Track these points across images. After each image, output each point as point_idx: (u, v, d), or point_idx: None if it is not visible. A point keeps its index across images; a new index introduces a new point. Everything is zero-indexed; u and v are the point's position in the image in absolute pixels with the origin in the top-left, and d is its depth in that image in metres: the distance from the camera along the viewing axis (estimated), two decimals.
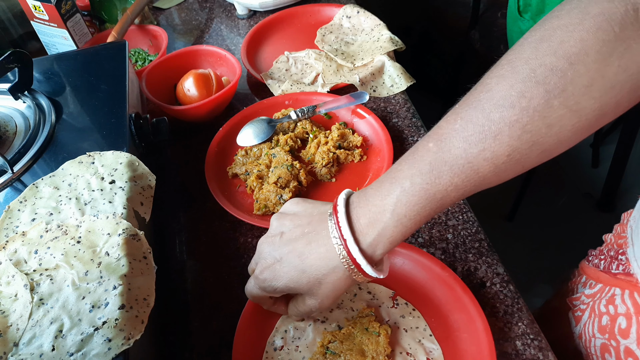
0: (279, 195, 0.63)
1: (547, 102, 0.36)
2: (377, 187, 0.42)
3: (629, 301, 0.53)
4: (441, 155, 0.39)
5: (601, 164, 1.85)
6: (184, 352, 0.54)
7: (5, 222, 0.48)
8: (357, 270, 0.42)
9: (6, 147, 0.58)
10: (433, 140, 0.40)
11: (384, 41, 0.86)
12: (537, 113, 0.37)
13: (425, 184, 0.39)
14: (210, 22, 1.05)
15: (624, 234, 0.59)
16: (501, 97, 0.37)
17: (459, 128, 0.39)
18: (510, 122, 0.37)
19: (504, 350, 0.50)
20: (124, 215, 0.47)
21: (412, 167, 0.40)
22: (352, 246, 0.41)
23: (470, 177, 0.39)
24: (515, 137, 0.37)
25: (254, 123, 0.74)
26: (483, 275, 0.56)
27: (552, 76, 0.36)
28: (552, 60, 0.37)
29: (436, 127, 0.41)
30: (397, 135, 0.72)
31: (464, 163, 0.38)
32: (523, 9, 1.26)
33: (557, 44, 0.37)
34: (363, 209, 0.42)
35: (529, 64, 0.37)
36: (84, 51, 0.73)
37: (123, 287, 0.41)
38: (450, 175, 0.39)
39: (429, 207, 0.40)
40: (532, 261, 1.55)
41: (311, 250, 0.43)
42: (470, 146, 0.38)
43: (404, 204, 0.40)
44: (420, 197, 0.40)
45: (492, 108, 0.38)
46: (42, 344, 0.38)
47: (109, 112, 0.59)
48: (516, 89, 0.37)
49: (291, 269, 0.44)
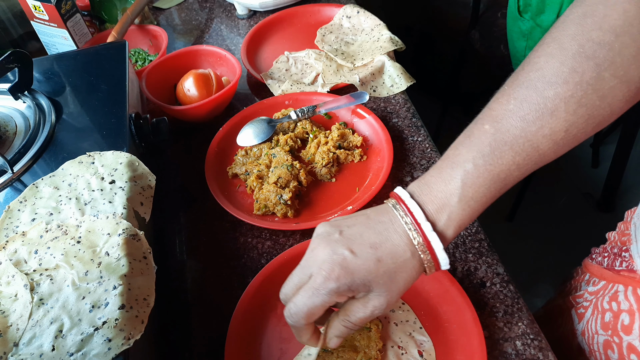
0: (279, 195, 0.63)
1: (598, 74, 0.38)
2: (437, 174, 0.42)
3: (632, 297, 0.53)
4: (500, 136, 0.40)
5: (601, 164, 1.85)
6: (184, 352, 0.54)
7: (5, 222, 0.48)
8: (430, 258, 0.41)
9: (6, 147, 0.58)
10: (488, 122, 0.41)
11: (384, 41, 0.86)
12: (589, 86, 0.38)
13: (489, 165, 0.40)
14: (210, 22, 1.05)
15: (627, 232, 0.59)
16: (553, 74, 0.39)
17: (514, 108, 0.40)
18: (565, 98, 0.38)
19: (504, 350, 0.50)
20: (124, 215, 0.47)
21: (471, 150, 0.40)
22: (428, 231, 0.40)
23: (531, 155, 0.40)
24: (572, 111, 0.38)
25: (254, 123, 0.74)
26: (483, 275, 0.56)
27: (600, 50, 0.38)
28: (598, 34, 0.38)
29: (487, 109, 0.42)
30: (397, 135, 0.72)
31: (524, 142, 0.39)
32: (523, 9, 1.26)
33: (601, 18, 0.38)
34: (428, 196, 0.41)
35: (576, 40, 0.38)
36: (84, 51, 0.73)
37: (123, 287, 0.41)
38: (511, 154, 0.40)
39: (493, 188, 0.41)
40: (532, 261, 1.55)
41: (383, 240, 0.40)
42: (529, 124, 0.39)
43: (469, 186, 0.40)
44: (485, 178, 0.40)
45: (545, 86, 0.39)
46: (42, 344, 0.38)
47: (109, 112, 0.59)
48: (567, 65, 0.38)
49: (366, 260, 0.40)
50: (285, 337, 0.52)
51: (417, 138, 0.72)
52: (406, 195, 0.42)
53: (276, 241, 0.62)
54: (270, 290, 0.55)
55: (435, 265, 0.41)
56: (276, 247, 0.62)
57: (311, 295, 0.40)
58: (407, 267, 0.41)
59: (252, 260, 0.61)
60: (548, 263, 1.36)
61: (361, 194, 0.64)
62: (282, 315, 0.54)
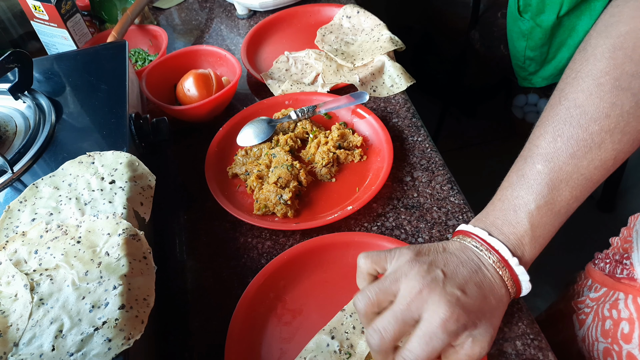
0: (279, 195, 0.63)
1: (636, 103, 0.40)
2: (502, 216, 0.44)
3: (632, 306, 0.53)
4: (555, 175, 0.42)
5: None
6: (184, 352, 0.54)
7: (5, 222, 0.48)
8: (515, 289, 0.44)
9: (6, 147, 0.58)
10: (540, 161, 0.43)
11: (384, 41, 0.86)
12: (630, 115, 0.41)
13: (550, 204, 0.43)
14: (210, 22, 1.05)
15: (630, 238, 0.59)
16: (594, 110, 0.41)
17: (563, 146, 0.42)
18: (610, 130, 0.41)
19: (504, 350, 0.50)
20: (124, 215, 0.47)
21: (530, 192, 0.43)
22: (515, 265, 0.42)
23: (586, 186, 0.43)
24: (617, 141, 0.41)
25: (254, 123, 0.74)
26: None
27: (634, 81, 0.40)
28: (630, 66, 0.40)
29: (533, 146, 0.44)
30: (397, 135, 0.72)
31: (577, 176, 0.42)
32: (523, 9, 1.26)
33: (632, 50, 0.41)
34: (502, 237, 0.44)
35: (610, 74, 0.41)
36: (84, 51, 0.73)
37: (123, 287, 0.41)
38: (569, 190, 0.42)
39: (557, 222, 0.44)
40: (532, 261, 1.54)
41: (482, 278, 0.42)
42: (580, 160, 0.42)
43: (536, 226, 0.43)
44: (548, 217, 0.43)
45: (589, 122, 0.41)
46: (42, 344, 0.38)
47: (109, 112, 0.59)
48: (606, 100, 0.41)
49: (476, 299, 0.40)
50: (285, 337, 0.52)
51: (417, 138, 0.72)
52: (484, 234, 0.44)
53: (276, 241, 0.62)
54: (271, 291, 0.55)
55: (517, 292, 0.44)
56: (276, 247, 0.62)
57: (429, 340, 0.38)
58: (503, 301, 0.43)
59: (252, 260, 0.61)
60: (548, 263, 1.36)
61: (361, 194, 0.64)
62: (282, 315, 0.54)
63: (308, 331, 0.52)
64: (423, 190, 0.65)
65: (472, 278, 0.41)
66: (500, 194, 0.45)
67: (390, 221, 0.62)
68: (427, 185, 0.65)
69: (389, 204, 0.64)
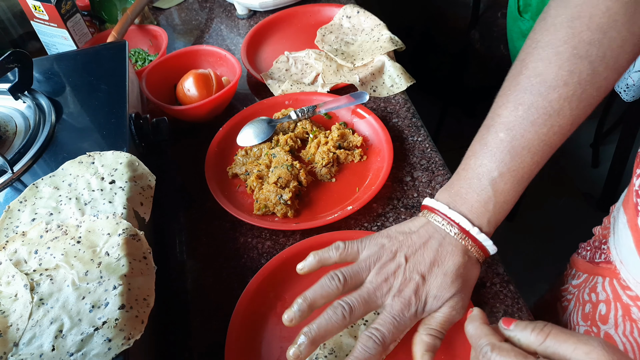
0: (279, 195, 0.63)
1: (593, 70, 0.42)
2: (467, 185, 0.46)
3: (609, 288, 0.55)
4: (517, 143, 0.44)
5: (601, 164, 1.85)
6: (184, 352, 0.54)
7: (5, 222, 0.48)
8: (481, 253, 0.46)
9: (6, 147, 0.58)
10: (502, 130, 0.44)
11: (384, 41, 0.86)
12: (587, 83, 0.42)
13: (513, 171, 0.44)
14: (210, 22, 1.05)
15: (608, 225, 0.61)
16: (553, 78, 0.43)
17: (524, 114, 0.44)
18: (568, 97, 0.43)
19: None
20: (124, 215, 0.47)
21: (493, 160, 0.45)
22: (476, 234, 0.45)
23: (546, 151, 0.44)
24: (574, 107, 0.43)
25: (254, 123, 0.74)
26: (483, 275, 0.56)
27: (591, 48, 0.42)
28: (588, 34, 0.42)
29: (495, 116, 0.46)
30: (397, 135, 0.72)
31: (538, 143, 0.44)
32: (523, 9, 1.26)
33: (588, 18, 0.42)
34: (465, 206, 0.46)
35: (568, 43, 0.42)
36: (84, 51, 0.73)
37: (123, 287, 0.41)
38: (530, 156, 0.44)
39: (520, 187, 0.45)
40: (532, 261, 1.55)
41: (442, 255, 0.45)
42: (540, 127, 0.43)
43: (500, 193, 0.45)
44: (512, 183, 0.45)
45: (548, 90, 0.43)
46: (42, 344, 0.38)
47: (109, 112, 0.59)
48: (565, 69, 0.42)
49: (435, 280, 0.44)
50: (285, 336, 0.52)
51: (417, 138, 0.72)
52: (444, 207, 0.46)
53: (276, 241, 0.62)
54: (270, 290, 0.55)
55: (484, 254, 0.47)
56: (276, 247, 0.62)
57: (395, 322, 0.43)
58: (468, 268, 0.46)
59: (252, 260, 0.61)
60: (548, 263, 1.36)
61: (361, 194, 0.64)
62: (282, 314, 0.54)
63: None
64: (423, 190, 0.65)
65: (435, 258, 0.45)
66: (465, 163, 0.47)
67: (390, 221, 0.62)
68: (427, 185, 0.65)
69: (389, 204, 0.64)
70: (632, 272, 0.51)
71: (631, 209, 0.50)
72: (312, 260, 0.47)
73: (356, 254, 0.47)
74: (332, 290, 0.44)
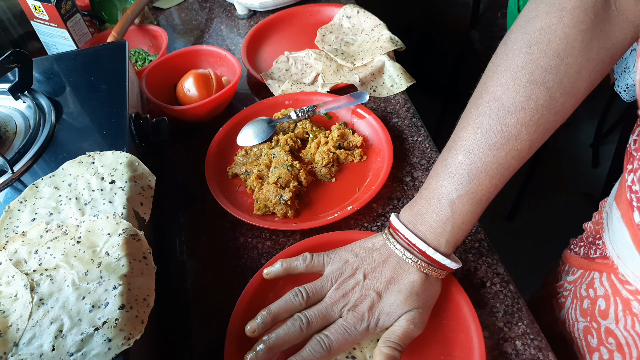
0: (279, 195, 0.63)
1: (550, 96, 0.42)
2: (427, 205, 0.47)
3: (607, 283, 0.55)
4: (475, 166, 0.45)
5: (601, 164, 1.85)
6: (184, 352, 0.54)
7: (5, 222, 0.48)
8: (440, 271, 0.48)
9: (6, 147, 0.58)
10: (462, 153, 0.45)
11: (384, 41, 0.86)
12: (544, 108, 0.43)
13: (471, 193, 0.45)
14: (210, 22, 1.05)
15: (600, 220, 0.61)
16: (511, 104, 0.43)
17: (482, 138, 0.44)
18: (525, 122, 0.43)
19: (504, 350, 0.50)
20: (124, 215, 0.47)
21: (452, 182, 0.46)
22: (432, 254, 0.47)
23: (504, 175, 0.45)
24: (532, 132, 0.43)
25: (254, 123, 0.74)
26: (483, 275, 0.56)
27: (548, 74, 0.42)
28: (545, 61, 0.42)
29: (457, 137, 0.47)
30: (397, 135, 0.72)
31: (496, 166, 0.44)
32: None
33: (546, 45, 0.42)
34: (424, 226, 0.47)
35: (526, 69, 0.43)
36: (84, 51, 0.73)
37: (123, 287, 0.41)
38: (488, 179, 0.45)
39: (479, 209, 0.46)
40: (532, 261, 1.55)
41: (399, 272, 0.47)
42: (498, 151, 0.44)
43: (458, 214, 0.46)
44: (470, 204, 0.46)
45: (506, 115, 0.43)
46: (42, 344, 0.38)
47: (109, 112, 0.59)
48: (522, 94, 0.43)
49: (389, 297, 0.47)
50: None
51: (417, 138, 0.72)
52: (401, 227, 0.48)
53: (276, 241, 0.62)
54: (270, 290, 0.55)
55: (446, 271, 0.49)
56: (276, 247, 0.62)
57: (342, 332, 0.46)
58: (426, 286, 0.48)
59: (252, 260, 0.61)
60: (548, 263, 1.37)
61: (361, 194, 0.64)
62: None
63: None
64: None
65: (392, 276, 0.47)
66: (427, 182, 0.49)
67: None
68: None
69: (389, 204, 0.64)
70: (631, 266, 0.51)
71: (624, 204, 0.51)
72: (278, 268, 0.51)
73: (322, 266, 0.50)
74: (296, 305, 0.47)
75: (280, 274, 0.51)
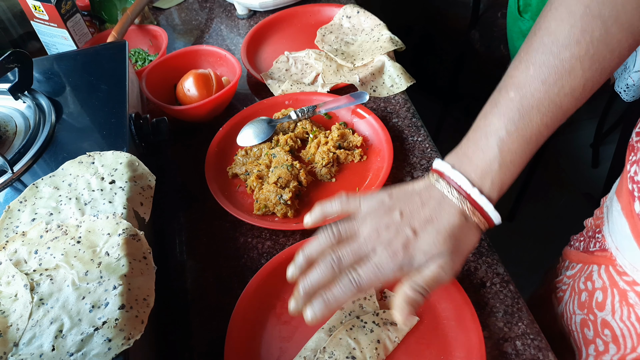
0: (279, 195, 0.63)
1: (606, 30, 0.41)
2: (473, 145, 0.45)
3: (605, 275, 0.55)
4: (526, 102, 0.43)
5: (601, 164, 1.85)
6: (184, 352, 0.54)
7: (5, 222, 0.48)
8: (482, 218, 0.45)
9: (6, 147, 0.58)
10: (512, 89, 0.44)
11: (384, 41, 0.86)
12: (600, 42, 0.41)
13: (521, 130, 0.43)
14: (210, 22, 1.05)
15: (601, 215, 0.61)
16: (565, 37, 0.42)
17: (534, 74, 0.43)
18: (580, 57, 0.41)
19: (504, 350, 0.50)
20: (124, 215, 0.47)
21: (501, 118, 0.43)
22: (476, 196, 0.44)
23: (556, 113, 0.43)
24: (587, 68, 0.41)
25: (254, 123, 0.74)
26: (483, 275, 0.56)
27: (604, 8, 0.41)
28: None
29: (508, 77, 0.45)
30: (397, 135, 0.72)
31: (548, 103, 0.42)
32: (523, 9, 1.26)
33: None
34: (470, 166, 0.45)
35: (581, 2, 0.41)
36: (84, 51, 0.73)
37: (123, 287, 0.41)
38: (539, 116, 0.43)
39: (528, 150, 0.44)
40: (532, 261, 1.54)
41: (438, 214, 0.44)
42: (551, 87, 0.42)
43: (506, 152, 0.43)
44: (519, 143, 0.43)
45: (560, 49, 0.42)
46: (42, 344, 0.38)
47: (109, 112, 0.59)
48: (577, 27, 0.41)
49: (427, 237, 0.44)
50: (284, 336, 0.53)
51: (417, 138, 0.72)
52: (447, 168, 0.45)
53: (276, 241, 0.62)
54: (270, 290, 0.55)
55: (488, 223, 0.46)
56: (276, 247, 0.62)
57: (376, 270, 0.43)
58: (464, 231, 0.45)
59: (252, 260, 0.61)
60: (548, 262, 1.37)
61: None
62: (281, 314, 0.54)
63: (307, 330, 0.52)
64: None
65: (431, 216, 0.44)
66: (475, 124, 0.46)
67: None
68: None
69: None
70: (629, 257, 0.52)
71: (625, 196, 0.51)
72: (317, 212, 0.49)
73: (357, 207, 0.48)
74: (327, 243, 0.46)
75: (319, 218, 0.49)
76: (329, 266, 0.44)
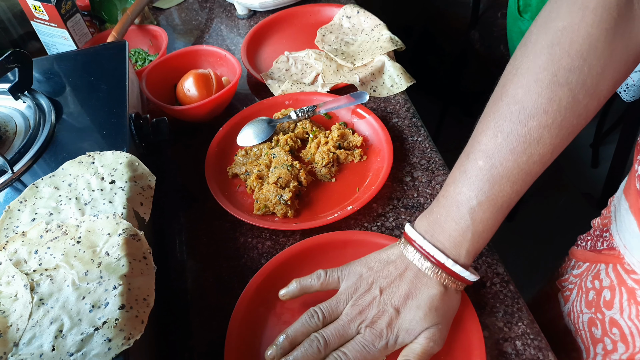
0: (279, 195, 0.63)
1: (573, 98, 0.41)
2: (445, 213, 0.46)
3: (613, 274, 0.55)
4: (496, 171, 0.43)
5: (601, 164, 1.85)
6: (184, 352, 0.54)
7: (5, 222, 0.48)
8: (458, 282, 0.46)
9: (6, 147, 0.58)
10: (481, 157, 0.44)
11: (384, 41, 0.86)
12: (567, 110, 0.41)
13: (491, 200, 0.44)
14: (210, 22, 1.05)
15: (608, 215, 0.61)
16: (532, 106, 0.42)
17: (503, 142, 0.43)
18: (548, 125, 0.42)
19: (504, 350, 0.50)
20: (124, 215, 0.47)
21: (472, 188, 0.44)
22: (451, 265, 0.45)
23: (526, 180, 0.43)
24: (554, 135, 0.42)
25: (254, 123, 0.74)
26: (483, 275, 0.56)
27: (571, 75, 0.41)
28: (568, 61, 0.41)
29: (475, 142, 0.45)
30: (397, 135, 0.72)
31: (518, 172, 0.43)
32: (523, 9, 1.26)
33: (568, 45, 0.41)
34: (443, 235, 0.46)
35: (548, 70, 0.41)
36: (84, 51, 0.73)
37: (123, 287, 0.41)
38: (509, 185, 0.43)
39: (500, 216, 0.45)
40: (532, 261, 1.55)
41: (417, 287, 0.46)
42: (519, 156, 0.42)
43: (478, 222, 0.44)
44: (490, 211, 0.44)
45: (527, 118, 0.42)
46: (42, 344, 0.38)
47: (109, 112, 0.59)
48: (544, 96, 0.41)
49: (407, 313, 0.45)
50: None
51: (417, 138, 0.72)
52: (418, 237, 0.46)
53: (276, 241, 0.62)
54: (270, 290, 0.55)
55: (464, 283, 0.47)
56: (276, 247, 0.62)
57: (360, 349, 0.45)
58: (445, 300, 0.46)
59: (252, 260, 0.61)
60: (548, 262, 1.37)
61: (361, 194, 0.64)
62: (281, 314, 0.54)
63: None
64: (423, 190, 0.65)
65: (409, 291, 0.46)
66: (445, 190, 0.47)
67: (390, 221, 0.62)
68: (427, 185, 0.65)
69: (389, 204, 0.64)
70: (637, 256, 0.52)
71: (633, 194, 0.51)
72: (294, 288, 0.50)
73: (337, 283, 0.49)
74: (312, 326, 0.46)
75: (296, 293, 0.50)
76: (315, 347, 0.45)
